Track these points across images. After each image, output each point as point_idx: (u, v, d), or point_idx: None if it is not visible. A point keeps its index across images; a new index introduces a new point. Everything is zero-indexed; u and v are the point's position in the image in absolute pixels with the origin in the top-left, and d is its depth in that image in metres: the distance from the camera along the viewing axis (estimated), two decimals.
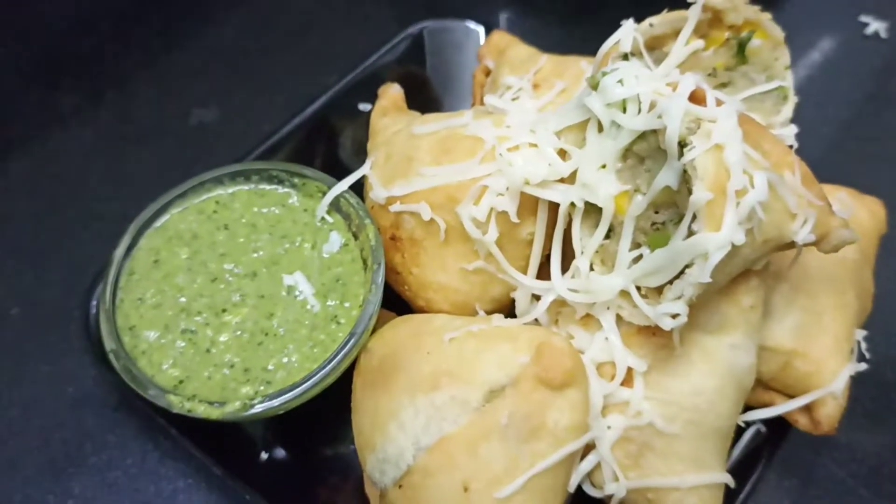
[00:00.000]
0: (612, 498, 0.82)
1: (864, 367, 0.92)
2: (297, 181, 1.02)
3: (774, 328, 0.91)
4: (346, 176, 0.99)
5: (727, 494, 0.85)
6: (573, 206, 0.83)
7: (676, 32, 0.90)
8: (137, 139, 1.37)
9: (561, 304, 0.88)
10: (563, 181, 0.85)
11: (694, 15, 0.89)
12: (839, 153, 1.40)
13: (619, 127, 0.78)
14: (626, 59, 0.86)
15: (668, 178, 0.75)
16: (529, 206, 0.88)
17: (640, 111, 0.76)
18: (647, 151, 0.79)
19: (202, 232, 0.98)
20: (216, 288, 0.93)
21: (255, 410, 0.83)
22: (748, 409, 0.91)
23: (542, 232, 0.89)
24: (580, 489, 0.82)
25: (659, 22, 0.89)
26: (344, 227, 1.00)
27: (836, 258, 0.88)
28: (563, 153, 0.86)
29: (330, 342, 0.90)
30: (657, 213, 0.80)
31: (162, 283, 0.93)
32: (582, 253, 0.84)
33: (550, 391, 0.75)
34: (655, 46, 0.91)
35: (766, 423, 0.95)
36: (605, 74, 0.79)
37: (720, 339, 0.83)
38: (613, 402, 0.81)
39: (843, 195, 1.02)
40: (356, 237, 0.98)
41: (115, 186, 1.29)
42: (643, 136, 0.78)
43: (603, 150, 0.81)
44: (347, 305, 0.93)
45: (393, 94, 1.13)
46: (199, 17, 1.59)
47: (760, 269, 0.84)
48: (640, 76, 0.78)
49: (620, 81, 0.78)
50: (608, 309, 0.83)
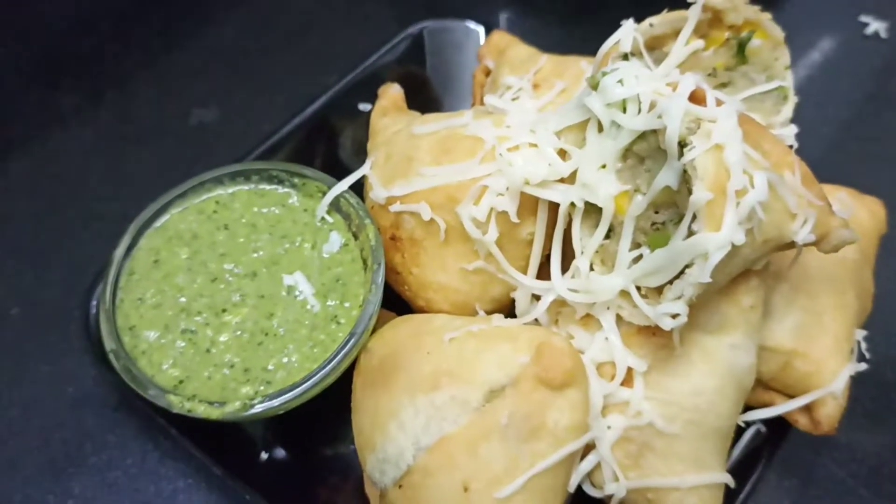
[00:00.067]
0: (612, 498, 0.82)
1: (864, 367, 0.92)
2: (297, 181, 1.02)
3: (774, 328, 0.91)
4: (346, 176, 0.99)
5: (727, 494, 0.85)
6: (573, 206, 0.84)
7: (676, 32, 0.90)
8: (137, 139, 1.37)
9: (561, 304, 0.88)
10: (563, 181, 0.85)
11: (694, 15, 0.89)
12: (839, 153, 1.40)
13: (619, 127, 0.78)
14: (626, 59, 0.86)
15: (668, 178, 0.75)
16: (529, 206, 0.88)
17: (640, 111, 0.76)
18: (647, 151, 0.79)
19: (202, 232, 0.98)
20: (216, 288, 0.93)
21: (255, 410, 0.83)
22: (748, 409, 0.91)
23: (542, 232, 0.89)
24: (580, 489, 0.82)
25: (659, 22, 0.89)
26: (344, 227, 1.00)
27: (836, 258, 0.88)
28: (563, 153, 0.86)
29: (330, 342, 0.90)
30: (657, 213, 0.80)
31: (162, 283, 0.93)
32: (582, 253, 0.84)
33: (550, 391, 0.75)
34: (655, 46, 0.91)
35: (766, 423, 0.95)
36: (605, 74, 0.79)
37: (720, 339, 0.83)
38: (613, 402, 0.81)
39: (843, 195, 1.02)
40: (356, 237, 0.98)
41: (115, 186, 1.29)
42: (643, 136, 0.78)
43: (603, 150, 0.81)
44: (347, 305, 0.93)
45: (393, 94, 1.13)
46: (199, 17, 1.59)
47: (760, 269, 0.84)
48: (640, 76, 0.78)
49: (620, 81, 0.78)
50: (608, 309, 0.83)
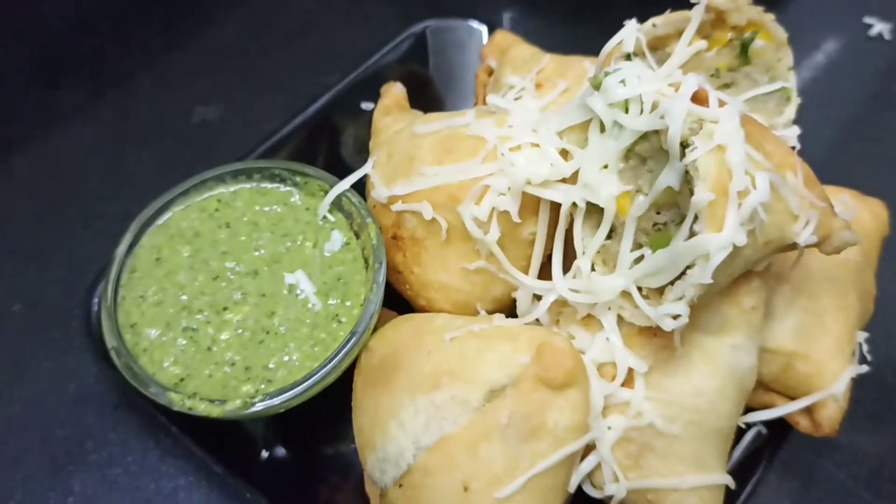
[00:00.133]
0: (612, 498, 0.82)
1: (865, 369, 0.92)
2: (298, 180, 1.02)
3: (776, 329, 0.91)
4: (348, 175, 0.99)
5: (727, 496, 0.85)
6: (575, 206, 0.83)
7: (679, 33, 0.90)
8: (138, 138, 1.37)
9: (562, 304, 0.88)
10: (564, 181, 0.85)
11: (697, 15, 0.88)
12: (842, 154, 1.39)
13: (621, 127, 0.78)
14: (628, 59, 0.86)
15: (669, 178, 0.75)
16: (531, 206, 0.88)
17: (642, 111, 0.76)
18: (649, 152, 0.79)
19: (204, 230, 0.98)
20: (217, 286, 0.93)
21: (255, 409, 0.83)
22: (749, 410, 0.90)
23: (543, 232, 0.89)
24: (580, 489, 0.82)
25: (662, 22, 0.89)
26: (345, 225, 1.00)
27: (837, 260, 0.88)
28: (565, 153, 0.86)
29: (331, 341, 0.90)
30: (659, 213, 0.80)
31: (163, 280, 0.93)
32: (583, 253, 0.84)
33: (551, 391, 0.75)
34: (658, 47, 0.91)
35: (766, 424, 0.95)
36: (607, 74, 0.79)
37: (721, 339, 0.83)
38: (614, 402, 0.81)
39: (845, 197, 1.01)
40: (358, 236, 0.98)
41: (115, 186, 1.29)
42: (645, 136, 0.78)
43: (605, 150, 0.81)
44: (349, 304, 0.93)
45: (395, 93, 1.13)
46: (199, 16, 1.59)
47: (762, 270, 0.84)
48: (642, 76, 0.78)
49: (623, 82, 0.78)
50: (609, 309, 0.83)
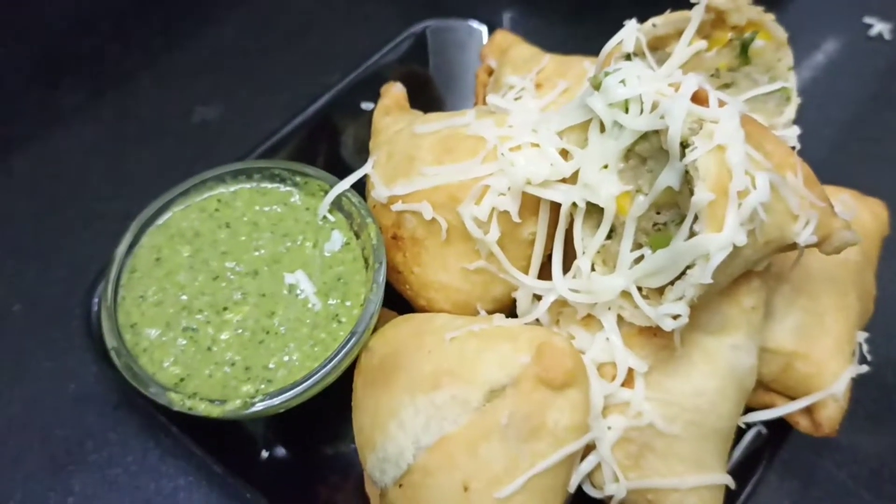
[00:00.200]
0: (612, 498, 0.82)
1: (865, 369, 0.92)
2: (298, 180, 1.02)
3: (776, 329, 0.91)
4: (348, 175, 0.99)
5: (727, 496, 0.85)
6: (575, 206, 0.83)
7: (679, 33, 0.90)
8: (138, 138, 1.37)
9: (562, 304, 0.88)
10: (564, 181, 0.85)
11: (697, 15, 0.88)
12: (842, 154, 1.40)
13: (621, 127, 0.78)
14: (628, 59, 0.86)
15: (669, 178, 0.75)
16: (531, 206, 0.88)
17: (642, 111, 0.76)
18: (649, 152, 0.79)
19: (204, 230, 0.98)
20: (217, 286, 0.93)
21: (255, 409, 0.83)
22: (749, 410, 0.90)
23: (543, 232, 0.89)
24: (580, 489, 0.82)
25: (662, 22, 0.89)
26: (346, 225, 1.00)
27: (838, 260, 0.88)
28: (565, 153, 0.86)
29: (331, 341, 0.90)
30: (659, 213, 0.80)
31: (163, 280, 0.93)
32: (583, 253, 0.84)
33: (551, 391, 0.75)
34: (658, 47, 0.91)
35: (766, 424, 0.95)
36: (607, 74, 0.79)
37: (721, 339, 0.83)
38: (614, 402, 0.81)
39: (845, 197, 1.01)
40: (358, 236, 0.98)
41: (115, 185, 1.29)
42: (645, 136, 0.78)
43: (605, 150, 0.81)
44: (349, 304, 0.93)
45: (395, 93, 1.13)
46: (199, 16, 1.59)
47: (762, 270, 0.84)
48: (642, 76, 0.78)
49: (623, 81, 0.78)
50: (609, 309, 0.83)
